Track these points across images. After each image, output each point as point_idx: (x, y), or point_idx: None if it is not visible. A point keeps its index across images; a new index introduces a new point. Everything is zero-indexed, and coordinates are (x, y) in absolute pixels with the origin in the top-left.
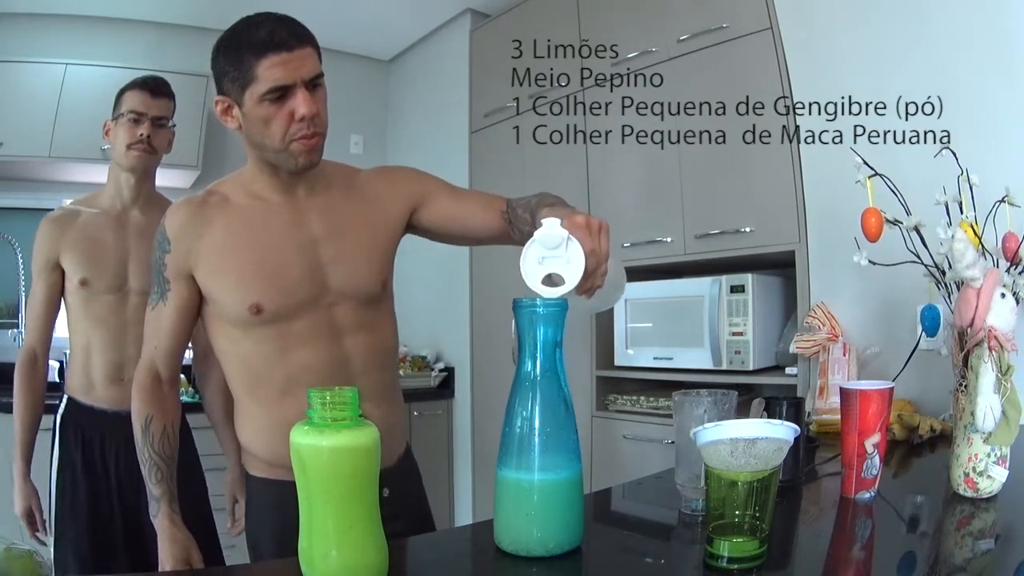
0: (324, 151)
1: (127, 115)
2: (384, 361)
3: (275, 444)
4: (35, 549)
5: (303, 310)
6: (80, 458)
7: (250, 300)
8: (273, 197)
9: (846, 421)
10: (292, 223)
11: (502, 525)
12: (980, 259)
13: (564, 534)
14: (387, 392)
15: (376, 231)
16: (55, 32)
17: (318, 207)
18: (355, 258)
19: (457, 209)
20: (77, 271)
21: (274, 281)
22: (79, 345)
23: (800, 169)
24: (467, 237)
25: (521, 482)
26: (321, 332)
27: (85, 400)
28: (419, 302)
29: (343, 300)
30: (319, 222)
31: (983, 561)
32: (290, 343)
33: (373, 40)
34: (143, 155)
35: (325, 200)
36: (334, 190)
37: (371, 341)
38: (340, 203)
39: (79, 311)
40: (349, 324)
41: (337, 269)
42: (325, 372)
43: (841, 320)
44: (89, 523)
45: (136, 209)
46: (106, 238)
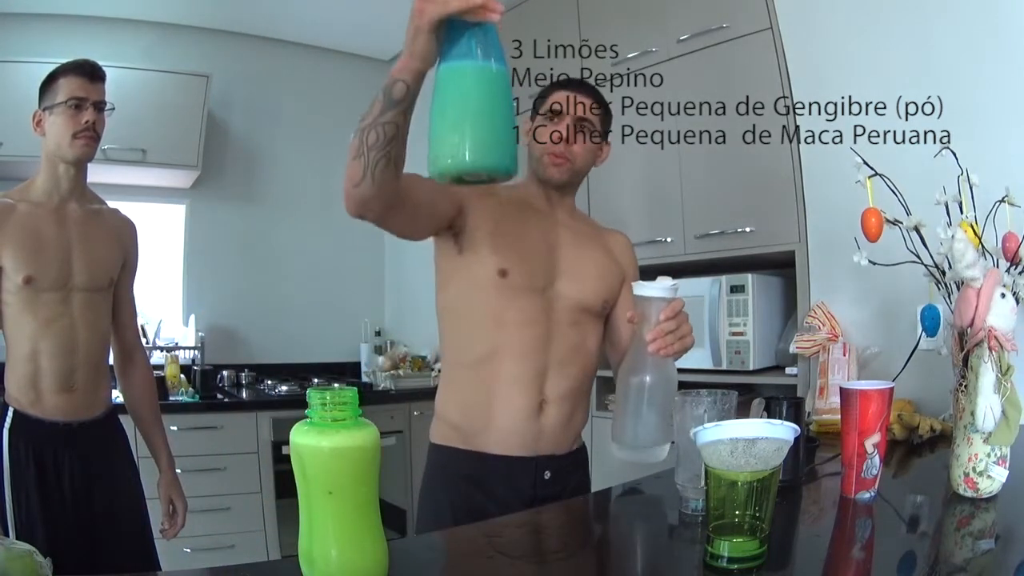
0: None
1: (68, 102)
2: (584, 364)
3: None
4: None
5: (531, 292)
6: (34, 475)
7: (501, 265)
8: (539, 203)
9: (846, 421)
10: (546, 226)
11: (436, 147)
12: (980, 259)
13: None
14: (574, 394)
15: (609, 269)
16: (55, 32)
17: (566, 224)
18: (586, 271)
19: (623, 318)
20: (20, 268)
21: (523, 261)
22: (22, 354)
23: (800, 169)
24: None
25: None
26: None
27: (32, 412)
28: (419, 302)
29: (564, 297)
30: (565, 234)
31: (983, 561)
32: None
33: (373, 40)
34: (90, 143)
35: (572, 223)
36: (582, 221)
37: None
38: (587, 232)
39: (22, 314)
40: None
41: (570, 274)
42: (529, 351)
43: (841, 320)
44: (46, 535)
45: (74, 201)
46: (48, 232)
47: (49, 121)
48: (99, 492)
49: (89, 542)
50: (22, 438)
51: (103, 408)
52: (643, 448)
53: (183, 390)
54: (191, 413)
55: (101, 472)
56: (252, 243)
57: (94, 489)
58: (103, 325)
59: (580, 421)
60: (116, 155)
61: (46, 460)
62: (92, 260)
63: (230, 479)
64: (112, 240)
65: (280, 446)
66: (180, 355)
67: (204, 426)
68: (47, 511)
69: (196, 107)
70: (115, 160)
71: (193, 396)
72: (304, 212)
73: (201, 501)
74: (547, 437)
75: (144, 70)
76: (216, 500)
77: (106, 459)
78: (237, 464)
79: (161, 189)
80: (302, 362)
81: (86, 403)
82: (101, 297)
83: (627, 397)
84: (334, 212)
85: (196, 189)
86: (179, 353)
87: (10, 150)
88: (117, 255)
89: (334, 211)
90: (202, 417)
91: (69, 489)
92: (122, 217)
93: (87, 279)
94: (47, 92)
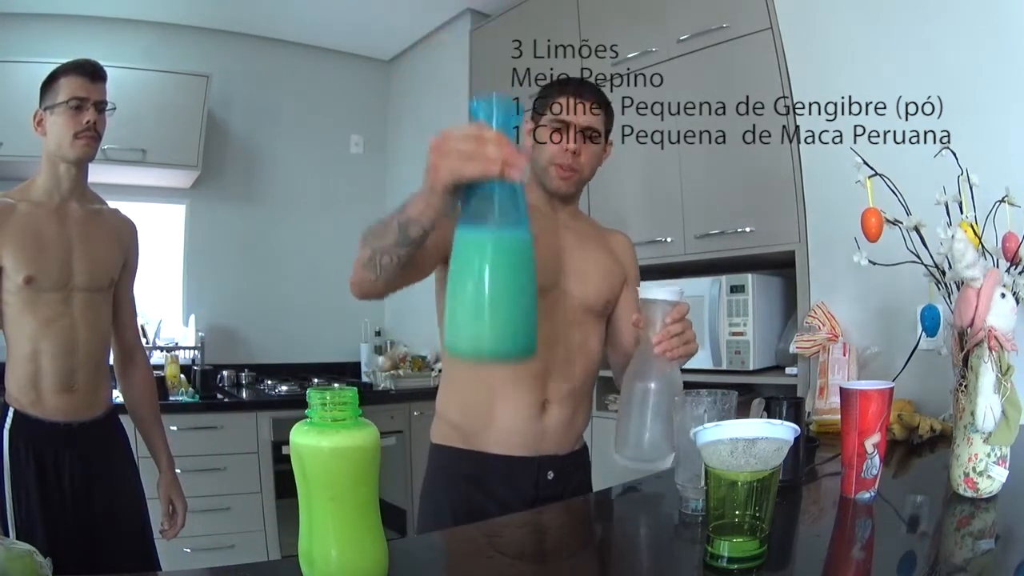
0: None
1: (69, 102)
2: (587, 364)
3: None
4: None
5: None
6: (34, 475)
7: None
8: (541, 206)
9: (846, 421)
10: (548, 230)
11: (454, 328)
12: (980, 259)
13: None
14: (577, 394)
15: (612, 269)
16: (55, 32)
17: (569, 226)
18: (590, 272)
19: (624, 319)
20: (21, 268)
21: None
22: (22, 354)
23: (800, 169)
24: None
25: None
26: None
27: (32, 412)
28: (419, 302)
29: (568, 297)
30: (569, 237)
31: (983, 561)
32: None
33: (373, 40)
34: (91, 143)
35: (574, 224)
36: (584, 222)
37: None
38: (590, 233)
39: (23, 314)
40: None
41: (575, 277)
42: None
43: (841, 320)
44: (46, 535)
45: (74, 201)
46: (48, 232)
47: (50, 121)
48: (99, 492)
49: (89, 542)
50: (22, 438)
51: (103, 408)
52: (648, 459)
53: (183, 390)
54: (191, 413)
55: (101, 472)
56: (252, 243)
57: (94, 489)
58: (103, 325)
59: (582, 421)
60: (116, 155)
61: (46, 460)
62: (93, 260)
63: (230, 479)
64: (113, 240)
65: (280, 446)
66: (180, 355)
67: (204, 426)
68: (47, 511)
69: (196, 107)
70: (115, 160)
71: (193, 396)
72: (304, 212)
73: (201, 501)
74: (550, 437)
75: (144, 70)
76: (216, 500)
77: (106, 459)
78: (237, 464)
79: (161, 189)
80: (302, 362)
81: (86, 403)
82: (101, 297)
83: (631, 404)
84: (334, 212)
85: (196, 189)
86: (179, 353)
87: (10, 150)
88: (118, 255)
89: (334, 211)
90: (202, 417)
91: (69, 489)
92: (122, 217)
93: (88, 279)
94: (48, 92)
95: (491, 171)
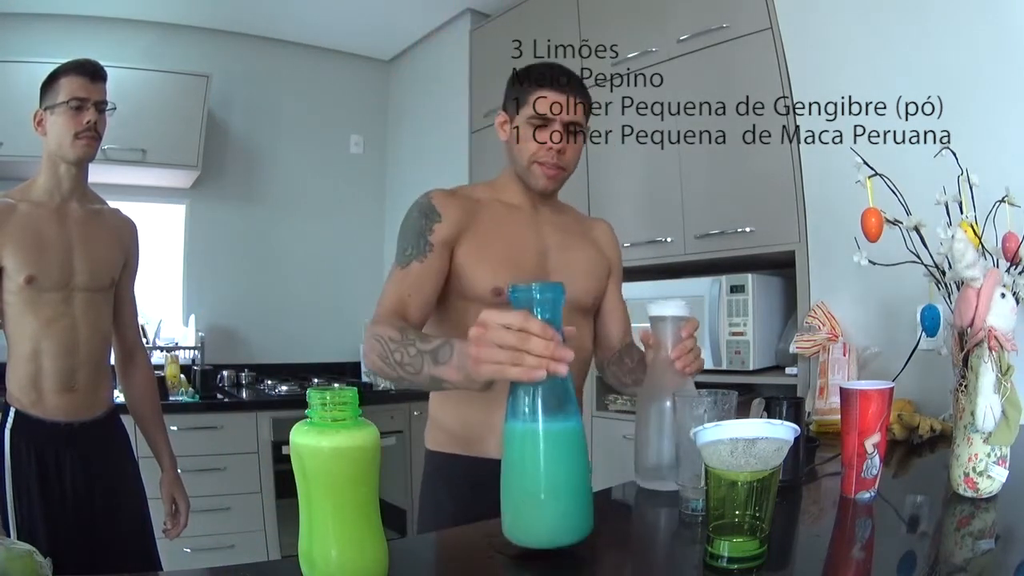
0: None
1: (69, 102)
2: (579, 365)
3: None
4: (35, 549)
5: None
6: (35, 475)
7: (495, 283)
8: (523, 204)
9: (846, 421)
10: (531, 229)
11: (511, 518)
12: (980, 259)
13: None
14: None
15: (597, 263)
16: (55, 32)
17: (551, 222)
18: (577, 271)
19: (609, 313)
20: (22, 268)
21: (514, 273)
22: (23, 353)
23: (800, 169)
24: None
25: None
26: None
27: (33, 412)
28: None
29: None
30: (552, 234)
31: (983, 561)
32: None
33: (373, 40)
34: (91, 143)
35: (557, 219)
36: (566, 214)
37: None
38: (573, 227)
39: (23, 314)
40: None
41: (561, 277)
42: None
43: (841, 320)
44: (46, 534)
45: (74, 201)
46: (49, 232)
47: (50, 121)
48: (100, 492)
49: (90, 542)
50: (23, 438)
51: (104, 408)
52: (671, 480)
53: (183, 390)
54: (191, 413)
55: (102, 472)
56: (252, 243)
57: (95, 489)
58: (104, 325)
59: None
60: (116, 155)
61: (47, 460)
62: (93, 260)
63: (230, 479)
64: (113, 240)
65: (280, 446)
66: (180, 355)
67: (204, 426)
68: (48, 511)
69: (196, 107)
70: (115, 160)
71: (193, 396)
72: (304, 212)
73: (201, 501)
74: None
75: (144, 70)
76: (216, 500)
77: (107, 459)
78: (237, 464)
79: (161, 189)
80: (302, 362)
81: (87, 403)
82: (102, 297)
83: (649, 425)
84: (334, 212)
85: (196, 189)
86: (179, 353)
87: (10, 150)
88: (118, 255)
89: (334, 211)
90: (202, 417)
91: (70, 489)
92: (123, 217)
93: (88, 279)
94: (48, 92)
95: (536, 377)
